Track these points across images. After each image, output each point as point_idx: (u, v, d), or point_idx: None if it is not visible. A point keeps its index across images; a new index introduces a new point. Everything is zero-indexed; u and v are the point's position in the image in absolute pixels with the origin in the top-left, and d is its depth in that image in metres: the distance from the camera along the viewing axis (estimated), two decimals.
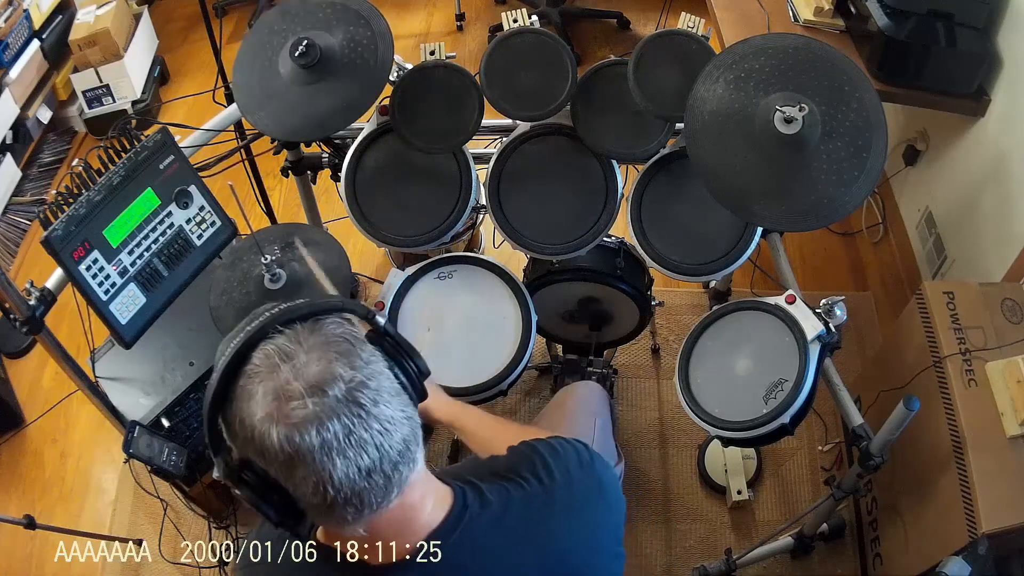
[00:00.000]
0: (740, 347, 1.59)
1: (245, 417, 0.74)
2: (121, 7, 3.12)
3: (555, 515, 0.93)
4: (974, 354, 1.67)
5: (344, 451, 0.73)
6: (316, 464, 0.72)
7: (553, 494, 0.93)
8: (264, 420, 0.73)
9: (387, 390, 0.77)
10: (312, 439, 0.72)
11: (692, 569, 1.93)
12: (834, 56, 1.45)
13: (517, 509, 0.90)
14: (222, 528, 2.09)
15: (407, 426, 0.78)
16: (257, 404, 0.73)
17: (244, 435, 0.75)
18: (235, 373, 0.76)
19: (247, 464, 0.77)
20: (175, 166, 1.61)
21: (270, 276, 1.59)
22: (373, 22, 1.62)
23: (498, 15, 2.80)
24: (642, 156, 1.69)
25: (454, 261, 1.74)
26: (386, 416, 0.76)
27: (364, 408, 0.74)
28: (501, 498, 0.90)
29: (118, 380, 1.97)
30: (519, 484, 0.92)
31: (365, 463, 0.74)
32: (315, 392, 0.72)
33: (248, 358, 0.76)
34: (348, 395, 0.74)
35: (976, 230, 2.16)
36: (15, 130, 2.89)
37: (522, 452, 0.98)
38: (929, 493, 1.70)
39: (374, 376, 0.77)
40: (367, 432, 0.74)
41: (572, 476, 0.96)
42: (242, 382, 0.75)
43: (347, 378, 0.74)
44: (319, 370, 0.74)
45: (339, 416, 0.73)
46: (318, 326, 0.78)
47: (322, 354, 0.75)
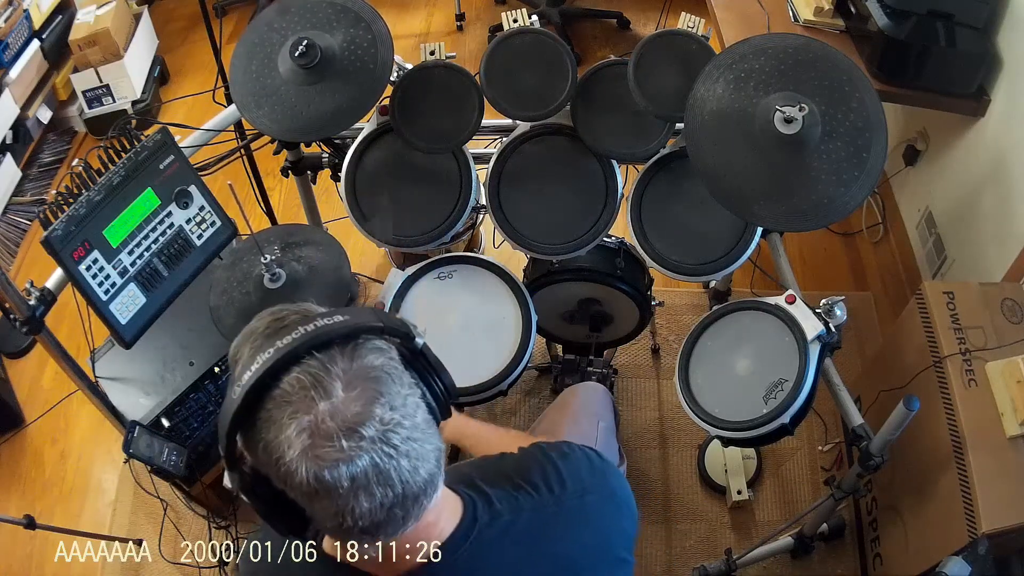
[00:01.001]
0: (740, 347, 1.59)
1: (271, 445, 0.70)
2: (121, 7, 3.12)
3: (566, 524, 0.92)
4: (974, 354, 1.67)
5: (371, 488, 0.71)
6: (341, 498, 0.70)
7: (563, 503, 0.92)
8: (294, 457, 0.69)
9: (419, 426, 0.74)
10: (342, 478, 0.69)
11: (692, 569, 1.93)
12: (834, 56, 1.45)
13: (527, 519, 0.89)
14: (222, 528, 2.09)
15: (433, 458, 0.76)
16: (287, 439, 0.69)
17: (267, 460, 0.71)
18: (261, 395, 0.71)
19: (265, 480, 0.74)
20: (175, 166, 1.61)
21: (270, 276, 1.59)
22: (373, 25, 1.62)
23: (498, 15, 2.80)
24: (642, 156, 1.69)
25: (454, 261, 1.74)
26: (416, 453, 0.73)
27: (396, 448, 0.71)
28: (511, 508, 0.89)
29: (118, 380, 1.97)
30: (528, 492, 0.91)
31: (389, 498, 0.72)
32: (351, 435, 0.69)
33: (278, 380, 0.71)
34: (382, 436, 0.71)
35: (976, 230, 2.16)
36: (15, 130, 2.89)
37: (533, 456, 0.97)
38: (929, 493, 1.70)
39: (409, 415, 0.73)
40: (395, 470, 0.71)
41: (584, 484, 0.95)
42: (270, 406, 0.71)
43: (386, 420, 0.71)
44: (357, 411, 0.70)
45: (370, 455, 0.70)
46: (358, 353, 0.73)
47: (361, 392, 0.71)
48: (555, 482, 0.93)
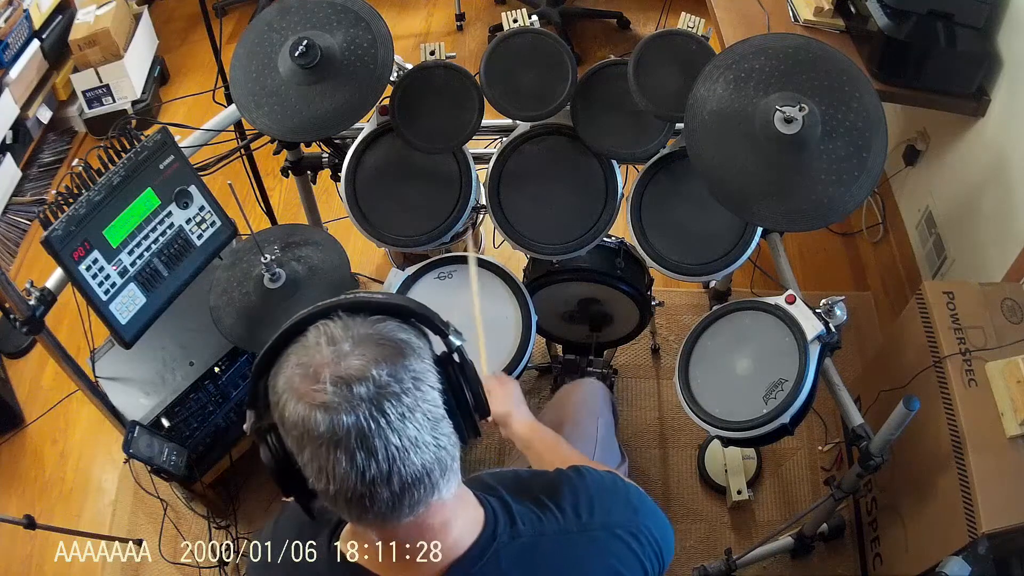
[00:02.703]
0: (740, 347, 1.59)
1: (278, 383, 0.75)
2: (121, 7, 3.12)
3: (587, 555, 0.89)
4: (974, 354, 1.67)
5: (352, 452, 0.71)
6: (321, 451, 0.72)
7: (588, 532, 0.89)
8: (286, 389, 0.74)
9: (424, 411, 0.74)
10: (322, 426, 0.71)
11: (692, 569, 1.93)
12: (834, 56, 1.45)
13: (548, 542, 0.87)
14: (222, 528, 2.10)
15: (432, 453, 0.74)
16: (288, 374, 0.74)
17: (273, 399, 0.76)
18: (288, 340, 0.77)
19: (272, 427, 0.77)
20: (175, 166, 1.61)
21: (270, 276, 1.59)
22: (373, 24, 1.62)
23: (498, 15, 2.80)
24: (642, 156, 1.69)
25: (454, 261, 1.74)
26: (409, 436, 0.72)
27: (387, 418, 0.71)
28: (533, 528, 0.87)
29: (118, 380, 1.97)
30: (554, 515, 0.88)
31: (371, 472, 0.71)
32: (340, 383, 0.71)
33: (304, 330, 0.77)
34: (374, 399, 0.71)
35: (976, 230, 2.16)
36: (15, 130, 2.89)
37: (568, 478, 0.94)
38: (929, 493, 1.70)
39: (413, 392, 0.73)
40: (381, 442, 0.71)
41: (612, 519, 0.91)
42: (290, 350, 0.76)
43: (381, 383, 0.71)
44: (356, 365, 0.72)
45: (357, 415, 0.70)
46: (380, 323, 0.77)
47: (367, 350, 0.73)
48: (584, 508, 0.90)
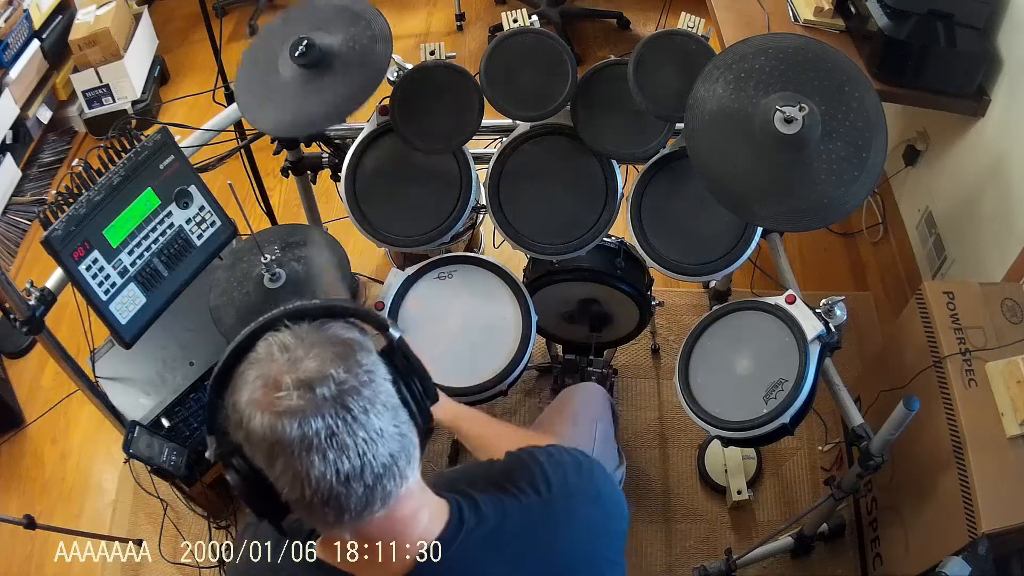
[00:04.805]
0: (740, 347, 1.59)
1: (237, 400, 0.76)
2: (121, 7, 3.12)
3: (552, 527, 0.92)
4: (974, 354, 1.67)
5: (324, 452, 0.73)
6: (294, 458, 0.73)
7: (550, 505, 0.92)
8: (250, 404, 0.74)
9: (382, 402, 0.77)
10: (293, 432, 0.72)
11: (692, 569, 1.93)
12: (834, 56, 1.45)
13: (514, 522, 0.89)
14: (222, 528, 2.10)
15: (397, 442, 0.78)
16: (248, 389, 0.75)
17: (235, 418, 0.76)
18: (239, 359, 0.78)
19: (238, 449, 0.78)
20: (175, 166, 1.61)
21: (270, 276, 1.59)
22: (373, 22, 1.62)
23: (498, 15, 2.80)
24: (642, 156, 1.69)
25: (454, 261, 1.74)
26: (374, 427, 0.75)
27: (352, 414, 0.74)
28: (497, 511, 0.89)
29: (118, 380, 1.97)
30: (515, 496, 0.91)
31: (345, 468, 0.74)
32: (302, 387, 0.73)
33: (253, 346, 0.78)
34: (337, 398, 0.74)
35: (976, 230, 2.16)
36: (15, 130, 2.89)
37: (520, 460, 0.97)
38: (929, 493, 1.70)
39: (369, 385, 0.76)
40: (351, 438, 0.74)
41: (570, 487, 0.95)
42: (242, 367, 0.78)
43: (339, 380, 0.74)
44: (313, 367, 0.75)
45: (323, 415, 0.73)
46: (325, 326, 0.80)
47: (320, 352, 0.76)
48: (542, 484, 0.93)
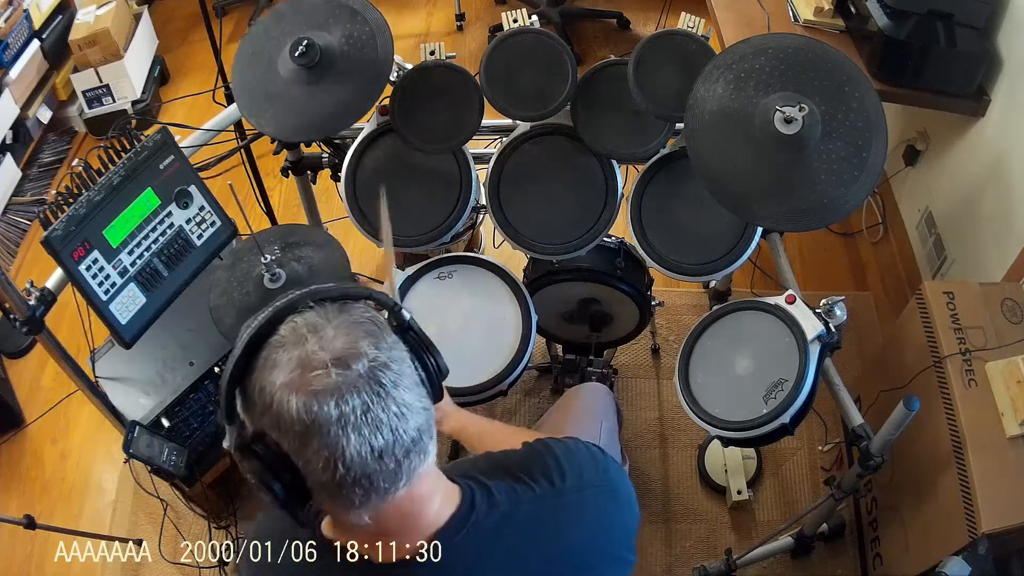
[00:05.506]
0: (740, 347, 1.59)
1: (266, 385, 0.75)
2: (121, 7, 3.12)
3: (565, 518, 0.92)
4: (974, 354, 1.67)
5: (360, 428, 0.73)
6: (330, 437, 0.73)
7: (564, 496, 0.92)
8: (284, 387, 0.74)
9: (408, 376, 0.79)
10: (330, 410, 0.72)
11: (692, 569, 1.93)
12: (834, 56, 1.45)
13: (526, 510, 0.89)
14: (222, 528, 2.09)
15: (422, 416, 0.79)
16: (280, 371, 0.74)
17: (262, 404, 0.75)
18: (259, 345, 0.77)
19: (260, 437, 0.77)
20: (175, 166, 1.61)
21: (270, 276, 1.59)
22: (368, 15, 1.61)
23: (498, 15, 2.80)
24: (642, 156, 1.69)
25: (454, 261, 1.74)
26: (404, 401, 0.76)
27: (384, 388, 0.75)
28: (510, 498, 0.89)
29: (118, 380, 1.97)
30: (528, 485, 0.91)
31: (379, 444, 0.74)
32: (339, 364, 0.74)
33: (275, 330, 0.78)
34: (370, 372, 0.75)
35: (976, 230, 2.16)
36: (15, 130, 2.89)
37: (537, 451, 0.97)
38: (929, 493, 1.70)
39: (396, 360, 0.78)
40: (384, 412, 0.75)
41: (584, 478, 0.95)
42: (266, 352, 0.77)
43: (371, 356, 0.75)
44: (345, 344, 0.75)
45: (359, 391, 0.73)
46: (346, 307, 0.80)
47: (349, 330, 0.77)
48: (556, 475, 0.93)
